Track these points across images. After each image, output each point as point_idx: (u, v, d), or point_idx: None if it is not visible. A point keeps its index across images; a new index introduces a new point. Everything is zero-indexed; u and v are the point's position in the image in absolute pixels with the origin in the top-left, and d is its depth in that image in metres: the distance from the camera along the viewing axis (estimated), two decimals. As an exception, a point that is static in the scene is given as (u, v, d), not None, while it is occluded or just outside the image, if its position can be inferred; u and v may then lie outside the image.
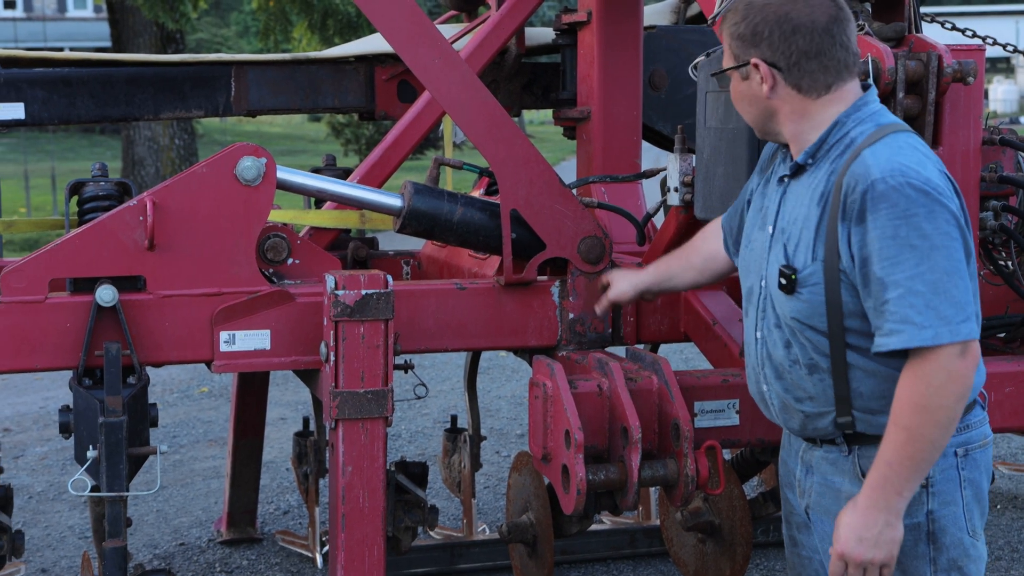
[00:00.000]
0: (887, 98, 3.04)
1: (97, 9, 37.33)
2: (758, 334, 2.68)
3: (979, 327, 2.41)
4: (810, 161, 2.58)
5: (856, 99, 2.58)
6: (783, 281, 2.54)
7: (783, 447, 2.80)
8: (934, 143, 3.09)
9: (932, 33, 3.35)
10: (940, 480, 2.52)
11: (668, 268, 3.25)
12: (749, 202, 2.86)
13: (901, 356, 2.41)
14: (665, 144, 4.70)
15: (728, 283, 3.63)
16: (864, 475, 2.51)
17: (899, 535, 2.42)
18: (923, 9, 3.39)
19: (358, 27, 17.24)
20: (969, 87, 3.11)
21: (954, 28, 4.28)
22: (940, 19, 4.18)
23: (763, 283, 2.65)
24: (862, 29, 3.09)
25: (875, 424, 2.52)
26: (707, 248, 3.14)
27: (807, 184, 2.57)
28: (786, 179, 2.64)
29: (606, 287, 3.38)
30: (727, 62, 2.66)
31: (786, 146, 2.68)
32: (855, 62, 2.58)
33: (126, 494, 3.17)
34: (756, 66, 2.56)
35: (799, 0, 2.53)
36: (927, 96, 3.06)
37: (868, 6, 3.23)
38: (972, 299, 2.40)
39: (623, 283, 3.30)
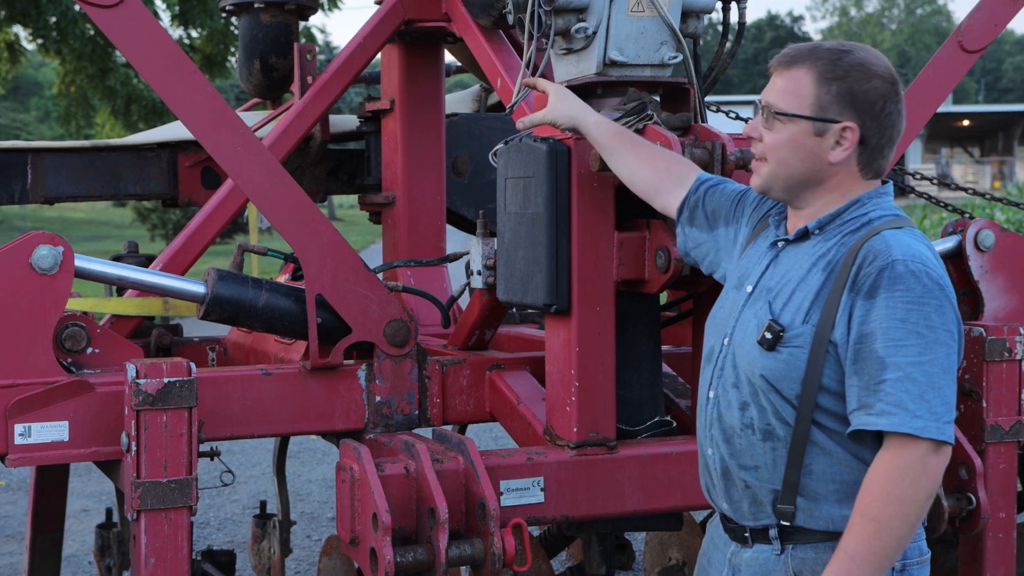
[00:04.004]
0: (676, 183, 3.13)
1: None
2: (711, 393, 2.55)
3: None
4: (817, 231, 2.48)
5: (879, 186, 2.51)
6: (767, 335, 2.40)
7: (704, 553, 2.69)
8: (721, 225, 3.19)
9: (716, 122, 3.49)
10: None
11: (622, 141, 2.99)
12: (716, 213, 2.78)
13: (868, 442, 2.34)
14: (469, 228, 4.76)
15: (531, 363, 3.68)
16: None
17: None
18: (708, 99, 3.52)
19: (163, 113, 17.05)
20: (751, 172, 3.23)
21: (737, 117, 4.46)
22: (724, 109, 4.35)
23: (726, 341, 2.53)
24: (651, 118, 3.19)
25: (815, 515, 2.40)
26: (670, 170, 2.93)
27: (809, 251, 2.47)
28: (781, 244, 2.55)
29: (531, 87, 3.19)
30: (796, 106, 2.45)
31: (781, 212, 2.59)
32: None
33: (-86, 596, 3.01)
34: (846, 130, 2.42)
35: (897, 84, 2.44)
36: (713, 181, 3.17)
37: (657, 97, 3.34)
38: (955, 402, 2.33)
39: (564, 109, 3.05)
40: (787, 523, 2.43)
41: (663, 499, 3.33)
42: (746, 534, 2.51)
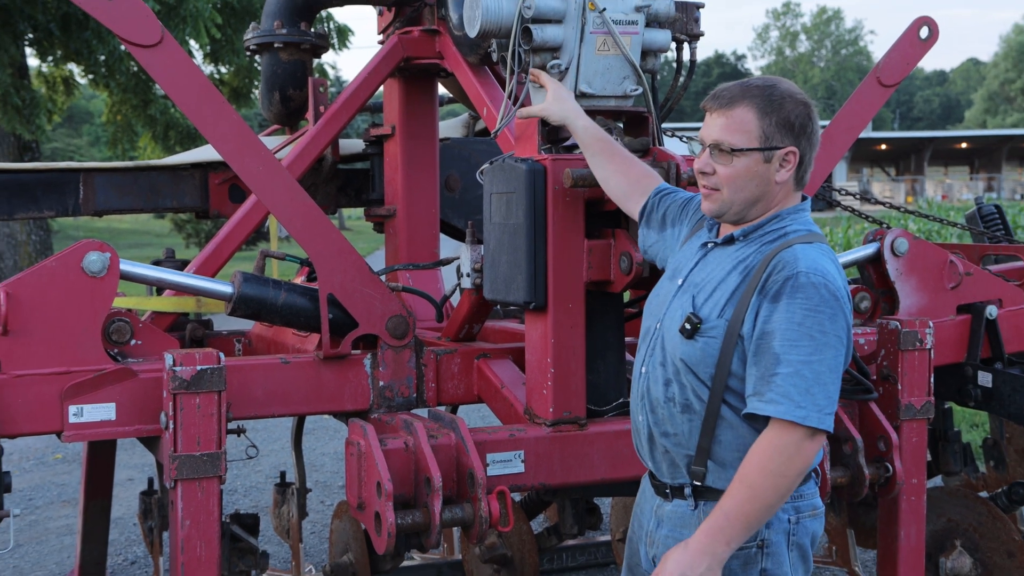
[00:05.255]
0: (637, 198, 3.13)
1: (-40, 121, 35.70)
2: (643, 369, 2.57)
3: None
4: (741, 238, 2.50)
5: (798, 203, 2.52)
6: (687, 326, 2.42)
7: (637, 504, 2.72)
8: (676, 234, 3.18)
9: (672, 146, 3.49)
10: (774, 542, 2.44)
11: (601, 149, 2.97)
12: (666, 217, 2.78)
13: (762, 421, 2.35)
14: (459, 236, 4.74)
15: (513, 352, 3.67)
16: None
17: None
18: (664, 125, 3.52)
19: (196, 137, 16.97)
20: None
21: (690, 140, 4.47)
22: (679, 134, 4.35)
23: (658, 325, 2.55)
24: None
25: (723, 477, 2.43)
26: (639, 181, 2.92)
27: (732, 255, 2.49)
28: (711, 245, 2.56)
29: (535, 81, 3.12)
30: (746, 141, 2.44)
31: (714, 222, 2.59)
32: None
33: (-19, 555, 2.98)
34: (790, 154, 2.44)
35: (811, 106, 2.46)
36: (669, 196, 3.16)
37: (621, 124, 3.34)
38: (837, 397, 2.36)
39: (557, 108, 3.04)
40: (699, 483, 2.47)
41: (626, 469, 3.33)
42: (667, 490, 2.55)
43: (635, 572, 2.72)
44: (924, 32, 4.12)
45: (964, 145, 63.85)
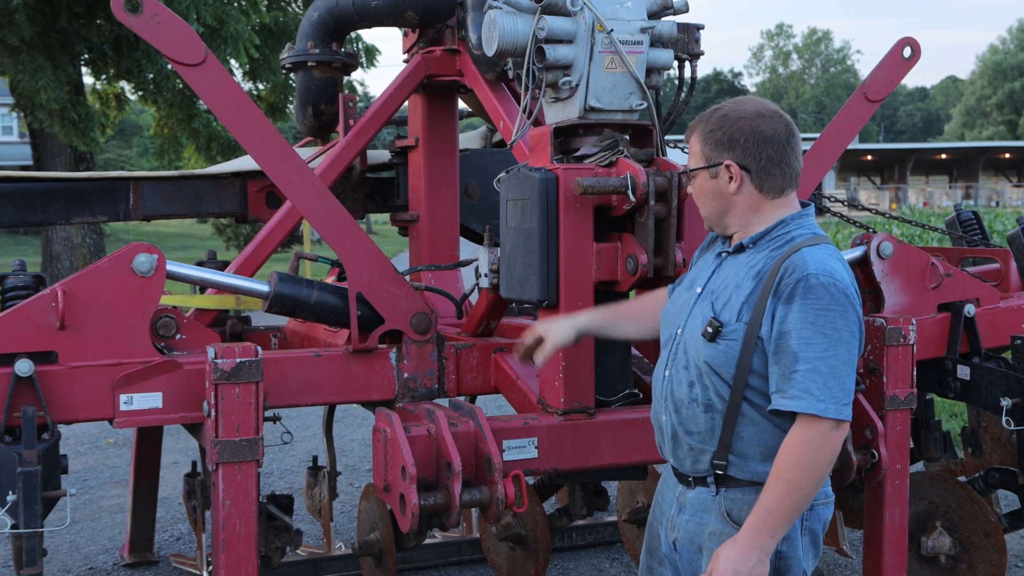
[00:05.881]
0: (642, 205, 3.13)
1: (22, 135, 35.85)
2: (666, 372, 2.56)
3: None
4: (751, 245, 2.49)
5: (799, 209, 2.51)
6: (709, 330, 2.42)
7: (659, 492, 2.71)
8: (678, 238, 3.17)
9: (674, 157, 3.48)
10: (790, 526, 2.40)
11: (613, 317, 2.95)
12: (691, 272, 2.71)
13: (786, 416, 2.35)
14: (477, 239, 4.74)
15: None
16: (728, 514, 2.44)
17: (766, 571, 2.32)
18: (667, 137, 3.51)
19: (236, 148, 17.01)
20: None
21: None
22: (680, 146, 4.33)
23: (679, 331, 2.54)
24: (622, 153, 3.18)
25: (744, 469, 2.43)
26: (653, 309, 2.88)
27: (744, 262, 2.48)
28: (724, 254, 2.55)
29: (538, 341, 2.97)
30: (695, 163, 2.53)
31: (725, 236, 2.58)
32: (799, 175, 2.52)
33: (40, 530, 2.99)
34: (728, 167, 2.46)
35: (764, 117, 2.45)
36: (671, 203, 3.16)
37: (627, 136, 3.33)
38: (853, 388, 2.35)
39: (562, 329, 2.93)
40: (721, 473, 2.46)
41: (632, 455, 3.32)
42: (690, 479, 2.54)
43: (655, 555, 2.71)
44: (907, 52, 4.10)
45: (944, 156, 63.54)
